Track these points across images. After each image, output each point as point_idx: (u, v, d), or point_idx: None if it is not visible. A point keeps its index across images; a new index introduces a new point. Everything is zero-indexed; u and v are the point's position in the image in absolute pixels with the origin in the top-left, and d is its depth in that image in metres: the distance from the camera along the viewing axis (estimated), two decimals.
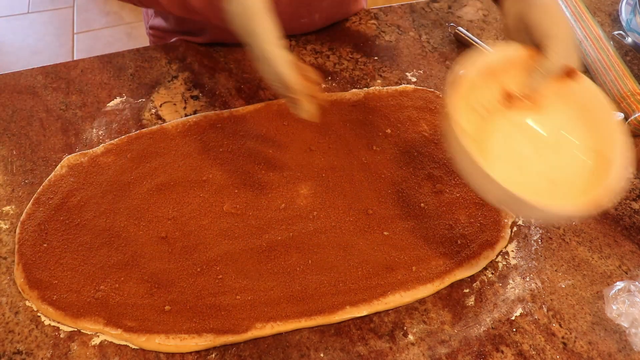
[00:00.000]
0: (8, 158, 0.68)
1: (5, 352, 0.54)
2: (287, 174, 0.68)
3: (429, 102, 0.77)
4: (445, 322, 0.58)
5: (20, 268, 0.58)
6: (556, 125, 0.59)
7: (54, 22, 2.19)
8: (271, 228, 0.63)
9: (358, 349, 0.56)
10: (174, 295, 0.57)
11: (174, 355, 0.54)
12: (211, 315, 0.56)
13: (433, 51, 0.86)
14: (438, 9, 0.94)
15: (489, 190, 0.51)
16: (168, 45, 0.84)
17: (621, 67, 0.80)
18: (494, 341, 0.57)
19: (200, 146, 0.70)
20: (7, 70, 0.78)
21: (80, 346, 0.54)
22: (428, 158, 0.71)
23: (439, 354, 0.55)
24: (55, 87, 0.77)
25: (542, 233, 0.65)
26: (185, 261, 0.60)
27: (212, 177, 0.67)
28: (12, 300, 0.57)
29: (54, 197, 0.64)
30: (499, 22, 0.92)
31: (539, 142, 0.59)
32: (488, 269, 0.62)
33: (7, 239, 0.61)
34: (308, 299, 0.58)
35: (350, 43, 0.86)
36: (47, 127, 0.72)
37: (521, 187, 0.49)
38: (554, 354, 0.56)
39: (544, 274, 0.62)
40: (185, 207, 0.64)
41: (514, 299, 0.60)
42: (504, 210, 0.66)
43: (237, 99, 0.77)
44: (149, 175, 0.67)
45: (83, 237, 0.61)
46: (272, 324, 0.56)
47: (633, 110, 0.75)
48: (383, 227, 0.64)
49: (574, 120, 0.58)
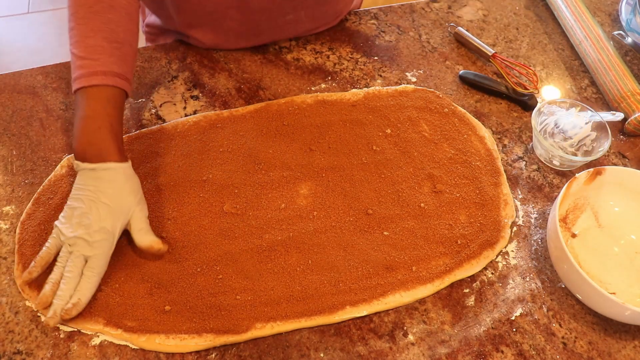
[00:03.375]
0: (8, 158, 0.68)
1: (5, 352, 0.54)
2: (287, 174, 0.68)
3: (429, 102, 0.77)
4: (445, 322, 0.58)
5: (20, 268, 0.58)
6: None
7: (54, 22, 2.19)
8: (271, 228, 0.63)
9: (358, 349, 0.56)
10: (174, 295, 0.57)
11: (174, 355, 0.54)
12: (211, 315, 0.56)
13: (433, 51, 0.86)
14: (438, 9, 0.94)
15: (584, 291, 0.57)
16: (168, 45, 0.84)
17: (621, 67, 0.80)
18: (494, 341, 0.57)
19: (200, 146, 0.70)
20: (7, 70, 0.78)
21: (80, 346, 0.54)
22: (428, 158, 0.71)
23: (439, 354, 0.55)
24: (55, 87, 0.77)
25: (542, 233, 0.65)
26: (185, 261, 0.60)
27: (212, 177, 0.67)
28: (12, 300, 0.57)
29: (54, 197, 0.64)
30: (498, 22, 0.92)
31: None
32: (488, 269, 0.62)
33: (7, 239, 0.61)
34: (308, 299, 0.58)
35: (350, 43, 0.86)
36: (47, 127, 0.72)
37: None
38: (554, 354, 0.56)
39: (544, 274, 0.62)
40: (185, 207, 0.64)
41: (514, 299, 0.60)
42: (503, 210, 0.66)
43: (237, 99, 0.77)
44: (149, 175, 0.66)
45: None
46: (272, 324, 0.56)
47: (633, 110, 0.75)
48: (383, 227, 0.64)
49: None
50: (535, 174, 0.72)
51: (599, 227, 0.65)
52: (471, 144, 0.73)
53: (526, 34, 0.91)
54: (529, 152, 0.74)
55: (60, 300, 0.54)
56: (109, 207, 0.57)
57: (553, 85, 0.83)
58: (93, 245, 0.56)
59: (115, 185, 0.58)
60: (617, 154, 0.75)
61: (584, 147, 0.71)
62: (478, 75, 0.81)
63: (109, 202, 0.57)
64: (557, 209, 0.59)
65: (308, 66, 0.82)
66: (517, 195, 0.69)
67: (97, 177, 0.58)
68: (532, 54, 0.88)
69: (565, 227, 0.65)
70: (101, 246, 0.56)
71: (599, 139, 0.70)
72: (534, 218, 0.67)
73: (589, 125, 0.71)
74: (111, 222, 0.57)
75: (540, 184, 0.70)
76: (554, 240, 0.59)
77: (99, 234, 0.56)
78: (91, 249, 0.56)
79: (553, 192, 0.70)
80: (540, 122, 0.73)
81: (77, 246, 0.56)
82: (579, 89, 0.83)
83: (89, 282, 0.55)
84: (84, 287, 0.55)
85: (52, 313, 0.54)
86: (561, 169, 0.72)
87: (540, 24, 0.93)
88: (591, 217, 0.66)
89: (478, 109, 0.78)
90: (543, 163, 0.73)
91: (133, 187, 0.60)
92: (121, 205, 0.58)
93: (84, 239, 0.55)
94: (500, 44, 0.89)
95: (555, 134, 0.73)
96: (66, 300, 0.54)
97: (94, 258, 0.56)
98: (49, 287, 0.55)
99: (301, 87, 0.79)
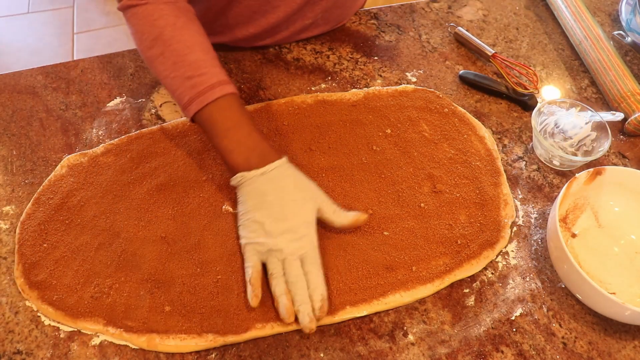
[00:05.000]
0: (8, 158, 0.68)
1: (5, 352, 0.54)
2: None
3: (429, 102, 0.77)
4: (445, 322, 0.58)
5: (20, 268, 0.58)
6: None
7: (54, 22, 2.19)
8: None
9: (358, 349, 0.56)
10: (173, 295, 0.57)
11: (174, 355, 0.54)
12: (211, 315, 0.56)
13: (433, 51, 0.86)
14: (438, 9, 0.94)
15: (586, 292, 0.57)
16: None
17: (621, 67, 0.80)
18: (494, 341, 0.57)
19: (200, 146, 0.70)
20: (7, 70, 0.78)
21: (80, 346, 0.54)
22: (428, 158, 0.71)
23: (439, 354, 0.55)
24: (55, 87, 0.77)
25: (542, 233, 0.65)
26: (185, 261, 0.60)
27: (212, 177, 0.67)
28: (12, 300, 0.57)
29: (54, 197, 0.64)
30: (498, 22, 0.92)
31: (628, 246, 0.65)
32: (488, 269, 0.62)
33: (7, 239, 0.61)
34: None
35: (350, 43, 0.86)
36: (47, 127, 0.72)
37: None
38: (554, 354, 0.56)
39: (544, 274, 0.62)
40: (185, 207, 0.64)
41: (514, 299, 0.60)
42: (503, 210, 0.66)
43: None
44: (149, 175, 0.67)
45: (83, 237, 0.61)
46: (272, 324, 0.56)
47: (633, 110, 0.75)
48: (383, 227, 0.64)
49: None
50: (535, 174, 0.72)
51: (599, 227, 0.65)
52: (471, 144, 0.73)
53: (526, 34, 0.91)
54: (529, 152, 0.74)
55: (305, 304, 0.53)
56: (296, 202, 0.56)
57: (553, 85, 0.83)
58: (302, 242, 0.55)
59: (290, 180, 0.58)
60: (617, 154, 0.75)
61: (584, 147, 0.71)
62: (478, 75, 0.81)
63: (294, 196, 0.57)
64: (557, 209, 0.59)
65: (308, 66, 0.82)
66: (517, 195, 0.69)
67: (269, 179, 0.57)
68: (532, 54, 0.88)
69: (565, 227, 0.65)
70: (310, 240, 0.56)
71: (599, 139, 0.70)
72: (534, 218, 0.67)
73: (589, 125, 0.71)
74: (305, 213, 0.56)
75: (540, 184, 0.70)
76: (554, 240, 0.59)
77: (302, 229, 0.55)
78: (301, 246, 0.55)
79: (553, 192, 0.70)
80: (540, 122, 0.73)
81: (287, 251, 0.54)
82: (579, 89, 0.83)
83: (317, 276, 0.55)
84: (317, 283, 0.54)
85: (308, 318, 0.53)
86: (561, 169, 0.72)
87: (540, 24, 0.93)
88: (591, 217, 0.66)
89: (478, 109, 0.78)
90: (543, 163, 0.73)
91: (303, 176, 0.59)
92: (306, 196, 0.58)
93: (291, 241, 0.54)
94: (500, 44, 0.89)
95: (555, 134, 0.73)
96: (309, 302, 0.53)
97: (309, 253, 0.55)
98: (284, 299, 0.53)
99: (301, 87, 0.79)
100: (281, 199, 0.56)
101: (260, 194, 0.57)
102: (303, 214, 0.56)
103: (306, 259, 0.55)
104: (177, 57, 0.59)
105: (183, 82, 0.59)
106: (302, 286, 0.54)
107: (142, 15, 0.61)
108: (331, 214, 0.58)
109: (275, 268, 0.55)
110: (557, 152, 0.69)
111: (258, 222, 0.56)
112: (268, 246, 0.54)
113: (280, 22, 0.78)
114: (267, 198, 0.56)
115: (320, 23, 0.83)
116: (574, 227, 0.65)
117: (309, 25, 0.82)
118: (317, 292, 0.54)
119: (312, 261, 0.55)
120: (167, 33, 0.60)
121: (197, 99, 0.59)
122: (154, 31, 0.60)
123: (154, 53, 0.60)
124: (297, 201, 0.57)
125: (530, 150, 0.74)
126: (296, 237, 0.55)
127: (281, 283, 0.54)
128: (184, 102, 0.60)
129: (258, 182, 0.57)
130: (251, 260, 0.56)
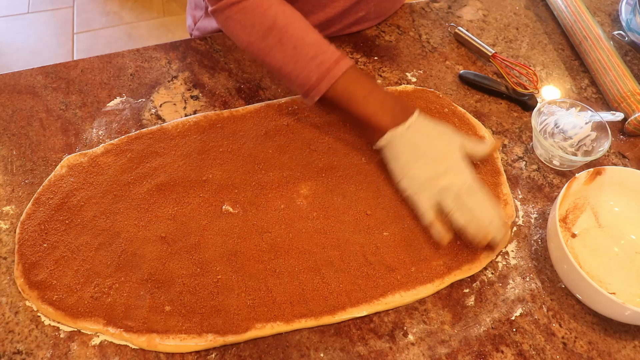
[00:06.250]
0: (8, 158, 0.68)
1: (5, 352, 0.54)
2: (287, 174, 0.68)
3: (429, 102, 0.77)
4: (445, 322, 0.58)
5: (20, 268, 0.58)
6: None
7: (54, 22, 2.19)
8: (271, 228, 0.63)
9: (358, 349, 0.56)
10: (174, 295, 0.57)
11: (174, 355, 0.54)
12: (211, 315, 0.56)
13: (433, 51, 0.86)
14: (438, 9, 0.94)
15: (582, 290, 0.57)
16: (168, 45, 0.84)
17: (621, 67, 0.80)
18: (494, 341, 0.57)
19: (200, 146, 0.70)
20: (7, 70, 0.78)
21: (80, 346, 0.54)
22: None
23: (439, 354, 0.55)
24: (55, 87, 0.77)
25: (542, 233, 0.65)
26: (185, 261, 0.60)
27: (212, 177, 0.67)
28: (12, 300, 0.57)
29: (54, 197, 0.64)
30: (498, 22, 0.92)
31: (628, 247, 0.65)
32: (488, 269, 0.62)
33: (7, 239, 0.61)
34: (308, 299, 0.58)
35: (350, 43, 0.86)
36: (47, 127, 0.72)
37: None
38: (554, 354, 0.56)
39: (544, 274, 0.62)
40: (185, 207, 0.64)
41: (514, 299, 0.60)
42: (503, 210, 0.66)
43: (237, 99, 0.77)
44: (149, 175, 0.67)
45: (83, 237, 0.61)
46: (272, 324, 0.56)
47: (633, 110, 0.75)
48: (383, 228, 0.64)
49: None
50: (535, 174, 0.72)
51: (599, 227, 0.65)
52: None
53: (526, 34, 0.91)
54: (529, 152, 0.74)
55: (496, 219, 0.59)
56: (445, 144, 0.62)
57: (553, 85, 0.83)
58: (465, 175, 0.60)
59: (431, 126, 0.63)
60: (617, 154, 0.75)
61: (584, 147, 0.71)
62: (478, 75, 0.81)
63: (441, 140, 0.62)
64: (557, 209, 0.59)
65: None
66: (517, 195, 0.69)
67: (415, 131, 0.62)
68: (532, 54, 0.88)
69: (565, 227, 0.65)
70: (469, 172, 0.61)
71: (599, 139, 0.70)
72: (534, 218, 0.67)
73: (589, 125, 0.71)
74: (455, 152, 0.61)
75: (540, 184, 0.70)
76: (554, 240, 0.59)
77: (459, 165, 0.61)
78: (466, 178, 0.60)
79: (553, 192, 0.70)
80: (540, 122, 0.73)
81: (457, 184, 0.59)
82: (579, 89, 0.83)
83: (490, 199, 0.60)
84: (487, 206, 0.59)
85: (503, 231, 0.59)
86: (561, 169, 0.72)
87: (540, 24, 0.93)
88: (591, 217, 0.66)
89: (478, 109, 0.78)
90: (543, 163, 0.73)
91: (437, 121, 0.64)
92: (450, 137, 0.63)
93: (455, 176, 0.59)
94: (500, 44, 0.89)
95: (555, 134, 0.73)
96: (497, 217, 0.59)
97: (474, 184, 0.60)
98: (473, 225, 0.58)
99: None
100: (431, 145, 0.61)
101: (412, 146, 0.61)
102: (454, 153, 0.61)
103: (472, 188, 0.59)
104: (297, 41, 0.63)
105: (308, 63, 0.63)
106: (484, 207, 0.59)
107: (251, 8, 0.64)
108: (473, 148, 0.64)
109: (452, 202, 0.59)
110: (557, 152, 0.69)
111: (420, 169, 0.60)
112: (438, 186, 0.59)
113: (336, 16, 0.80)
114: (420, 148, 0.61)
115: (371, 17, 0.85)
116: (574, 227, 0.65)
117: (360, 19, 0.84)
118: (488, 215, 0.59)
119: (479, 189, 0.60)
120: (280, 21, 0.64)
121: (327, 75, 0.62)
122: (266, 21, 0.63)
123: (270, 42, 0.64)
124: (445, 144, 0.62)
125: (530, 150, 0.74)
126: (458, 172, 0.60)
127: (465, 213, 0.59)
128: (312, 82, 0.63)
129: (407, 136, 0.62)
130: (426, 204, 0.61)
